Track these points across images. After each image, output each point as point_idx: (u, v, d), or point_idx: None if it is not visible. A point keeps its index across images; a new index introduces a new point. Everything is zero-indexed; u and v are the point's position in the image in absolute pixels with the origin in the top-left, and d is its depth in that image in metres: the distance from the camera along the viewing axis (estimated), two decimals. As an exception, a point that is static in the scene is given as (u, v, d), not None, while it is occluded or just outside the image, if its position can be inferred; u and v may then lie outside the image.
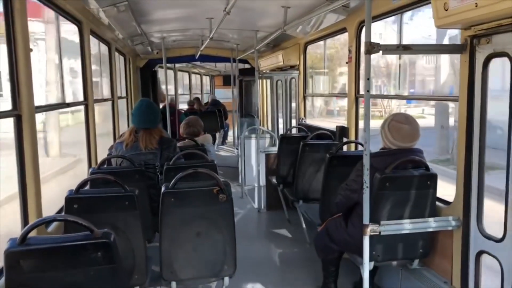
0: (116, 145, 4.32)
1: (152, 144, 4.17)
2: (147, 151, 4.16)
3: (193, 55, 9.37)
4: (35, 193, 2.81)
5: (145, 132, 4.18)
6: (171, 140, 4.42)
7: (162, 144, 4.22)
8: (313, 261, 4.45)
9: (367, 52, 2.96)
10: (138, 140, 4.16)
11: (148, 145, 4.16)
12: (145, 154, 4.15)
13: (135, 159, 4.04)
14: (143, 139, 4.16)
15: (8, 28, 2.66)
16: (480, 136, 3.06)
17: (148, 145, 4.16)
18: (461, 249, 3.20)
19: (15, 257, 1.97)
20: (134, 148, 4.15)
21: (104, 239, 2.08)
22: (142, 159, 4.10)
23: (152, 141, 4.18)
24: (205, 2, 5.01)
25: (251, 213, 6.81)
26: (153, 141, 4.18)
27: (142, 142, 4.15)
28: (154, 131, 4.22)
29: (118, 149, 4.24)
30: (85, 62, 4.59)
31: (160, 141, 4.22)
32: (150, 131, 4.20)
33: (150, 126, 4.22)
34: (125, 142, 4.19)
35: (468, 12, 2.68)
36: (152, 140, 4.18)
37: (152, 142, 4.17)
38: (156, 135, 4.22)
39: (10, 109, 2.67)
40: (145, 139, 4.16)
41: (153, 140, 4.18)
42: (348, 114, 5.20)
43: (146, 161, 4.12)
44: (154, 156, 4.18)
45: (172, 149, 4.28)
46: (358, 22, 4.85)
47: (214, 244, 3.27)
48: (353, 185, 3.54)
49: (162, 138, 4.26)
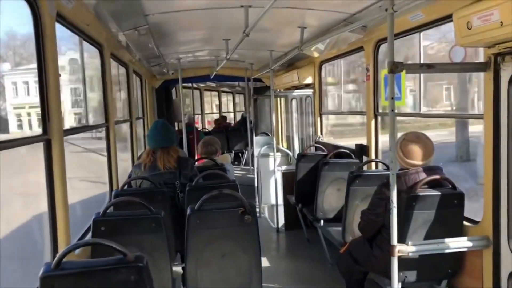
0: (134, 168, 4.35)
1: (170, 163, 4.18)
2: (165, 170, 4.17)
3: (208, 75, 9.47)
4: (64, 216, 2.83)
5: (163, 151, 4.20)
6: (188, 159, 4.45)
7: (180, 163, 4.24)
8: (337, 282, 4.39)
9: (391, 71, 2.97)
10: (156, 160, 4.18)
11: (167, 164, 4.17)
12: (164, 174, 4.16)
13: (155, 180, 4.05)
14: (161, 158, 4.17)
15: (38, 54, 2.72)
16: (508, 153, 3.02)
17: (166, 164, 4.17)
18: (492, 270, 3.14)
19: (51, 281, 1.97)
20: (153, 169, 4.17)
21: (137, 263, 2.07)
22: (162, 179, 4.11)
23: (170, 160, 4.19)
24: (224, 23, 5.09)
25: (270, 232, 6.76)
26: (171, 160, 4.19)
27: (160, 162, 4.16)
28: (171, 150, 4.24)
29: (137, 171, 4.26)
30: (106, 84, 4.66)
31: (178, 160, 4.23)
32: (168, 149, 4.22)
33: (167, 144, 4.23)
34: (143, 163, 4.22)
35: (493, 31, 2.68)
36: (170, 159, 4.19)
37: (170, 161, 4.19)
38: (173, 153, 4.24)
39: (40, 134, 2.71)
40: (163, 158, 4.17)
41: (171, 159, 4.20)
42: (367, 132, 5.18)
43: (165, 181, 4.13)
44: (174, 176, 4.19)
45: (190, 168, 4.29)
46: (375, 41, 4.87)
47: (239, 265, 3.24)
48: (376, 209, 3.51)
49: (179, 158, 4.28)
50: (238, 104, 18.51)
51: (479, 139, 11.03)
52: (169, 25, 5.00)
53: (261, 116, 12.38)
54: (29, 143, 2.68)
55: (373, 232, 3.61)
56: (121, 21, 4.27)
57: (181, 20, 4.90)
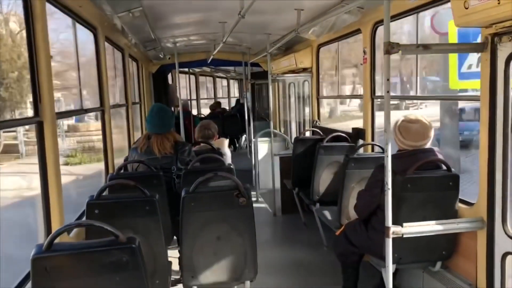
0: (131, 151, 4.34)
1: (166, 149, 4.17)
2: (161, 155, 4.16)
3: (205, 60, 9.40)
4: (57, 199, 2.82)
5: (157, 137, 4.19)
6: (185, 144, 4.42)
7: (177, 148, 4.22)
8: (332, 264, 4.41)
9: (386, 52, 2.92)
10: (151, 145, 4.17)
11: (162, 150, 4.17)
12: (160, 159, 4.16)
13: (151, 164, 4.04)
14: (156, 144, 4.17)
15: (29, 35, 2.68)
16: (504, 135, 3.00)
17: (162, 150, 4.17)
18: (485, 251, 3.14)
19: (42, 263, 1.97)
20: (149, 153, 4.17)
21: (130, 244, 2.08)
22: (158, 164, 4.11)
23: (166, 146, 4.18)
24: (219, 6, 5.02)
25: (266, 216, 6.79)
26: (167, 146, 4.18)
27: (155, 148, 4.16)
28: (166, 136, 4.22)
29: (133, 155, 4.26)
30: (100, 68, 4.62)
31: (175, 146, 4.22)
32: (162, 136, 4.20)
33: (162, 131, 4.22)
34: (139, 147, 4.22)
35: (490, 9, 2.64)
36: (165, 144, 4.18)
37: (166, 147, 4.18)
38: (169, 139, 4.22)
39: (32, 116, 2.69)
40: (157, 144, 4.17)
41: (166, 145, 4.18)
42: (363, 115, 5.17)
43: (162, 166, 4.12)
44: (170, 160, 4.18)
45: (187, 153, 4.28)
46: (373, 23, 4.82)
47: (234, 248, 3.25)
48: (373, 190, 3.52)
49: (176, 143, 4.26)
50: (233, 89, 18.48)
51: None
52: (164, 8, 4.94)
53: (259, 101, 12.33)
54: (21, 124, 2.68)
55: (369, 213, 3.62)
56: (115, 2, 4.21)
57: (176, 2, 4.84)
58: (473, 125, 15.12)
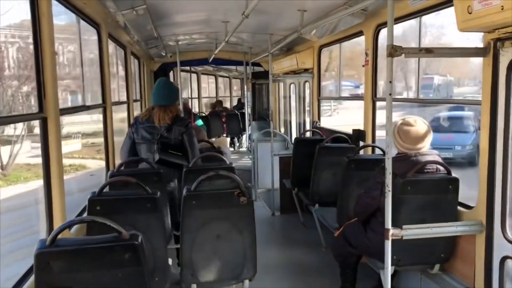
0: (132, 125, 4.43)
1: (165, 120, 4.25)
2: (160, 125, 4.24)
3: (206, 59, 9.41)
4: (60, 194, 2.84)
5: (160, 109, 4.27)
6: (185, 119, 4.49)
7: (175, 120, 4.29)
8: (330, 265, 4.43)
9: (389, 55, 2.94)
10: (153, 116, 4.26)
11: (162, 121, 4.25)
12: (159, 128, 4.24)
13: (150, 132, 4.18)
14: (157, 115, 4.25)
15: (34, 31, 2.70)
16: (504, 139, 3.02)
17: (161, 121, 4.25)
18: (484, 255, 3.16)
19: (45, 258, 1.99)
20: (149, 122, 4.26)
21: (132, 241, 2.09)
22: (156, 132, 4.21)
23: (166, 118, 4.25)
24: (223, 5, 5.03)
25: (265, 216, 6.80)
26: (167, 118, 4.25)
27: (156, 119, 4.24)
28: (169, 108, 4.29)
29: (133, 128, 4.34)
30: (103, 65, 4.63)
31: (174, 118, 4.29)
32: (165, 108, 4.27)
33: (166, 103, 4.29)
34: (140, 117, 4.35)
35: (493, 15, 2.66)
36: (166, 116, 4.26)
37: (165, 118, 4.25)
38: (171, 112, 4.29)
39: (36, 112, 2.70)
40: (159, 115, 4.25)
41: (166, 116, 4.26)
42: (364, 117, 5.18)
43: (160, 134, 4.22)
44: (165, 129, 4.27)
45: (185, 126, 4.33)
46: (375, 26, 4.84)
47: (234, 247, 3.27)
48: (373, 192, 3.53)
49: (177, 116, 4.34)
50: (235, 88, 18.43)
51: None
52: (167, 6, 4.95)
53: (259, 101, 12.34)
54: (25, 120, 2.68)
55: (367, 215, 3.63)
56: (118, 0, 4.22)
57: (179, 1, 4.85)
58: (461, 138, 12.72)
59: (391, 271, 3.25)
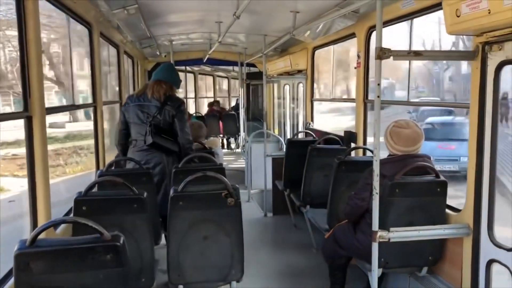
0: (127, 98, 4.43)
1: (159, 93, 4.22)
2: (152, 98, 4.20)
3: (200, 58, 9.40)
4: (44, 195, 2.82)
5: (155, 82, 4.27)
6: (179, 100, 4.42)
7: (167, 99, 4.24)
8: (320, 267, 4.42)
9: (378, 58, 2.94)
10: (147, 89, 4.25)
11: (155, 93, 4.21)
12: (149, 107, 4.20)
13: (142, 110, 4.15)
14: (152, 88, 4.24)
15: (20, 30, 2.68)
16: (491, 143, 3.03)
17: (155, 93, 4.22)
18: (471, 258, 3.16)
19: (25, 258, 1.97)
20: (143, 100, 4.23)
21: (114, 242, 2.07)
22: (147, 112, 4.17)
23: (160, 91, 4.23)
24: (215, 6, 5.02)
25: (257, 217, 6.78)
26: (161, 91, 4.23)
27: (149, 90, 4.22)
28: (164, 83, 4.28)
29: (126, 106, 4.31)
30: (94, 64, 4.61)
31: (167, 96, 4.24)
32: (160, 82, 4.27)
33: (163, 78, 4.30)
34: (135, 93, 4.35)
35: (481, 18, 2.66)
36: (160, 89, 4.23)
37: (159, 91, 4.22)
38: (165, 86, 4.27)
39: (21, 111, 2.68)
40: (153, 87, 4.24)
41: (161, 90, 4.23)
42: (356, 119, 5.18)
43: (149, 113, 4.18)
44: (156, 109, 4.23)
45: (176, 107, 4.27)
46: (367, 28, 4.84)
47: (221, 248, 3.26)
48: (362, 193, 3.54)
49: (171, 95, 4.29)
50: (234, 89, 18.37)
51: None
52: (159, 6, 4.93)
53: (254, 102, 12.34)
54: (10, 119, 2.66)
55: (357, 217, 3.63)
56: None
57: (171, 1, 4.83)
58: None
59: (379, 273, 3.26)
